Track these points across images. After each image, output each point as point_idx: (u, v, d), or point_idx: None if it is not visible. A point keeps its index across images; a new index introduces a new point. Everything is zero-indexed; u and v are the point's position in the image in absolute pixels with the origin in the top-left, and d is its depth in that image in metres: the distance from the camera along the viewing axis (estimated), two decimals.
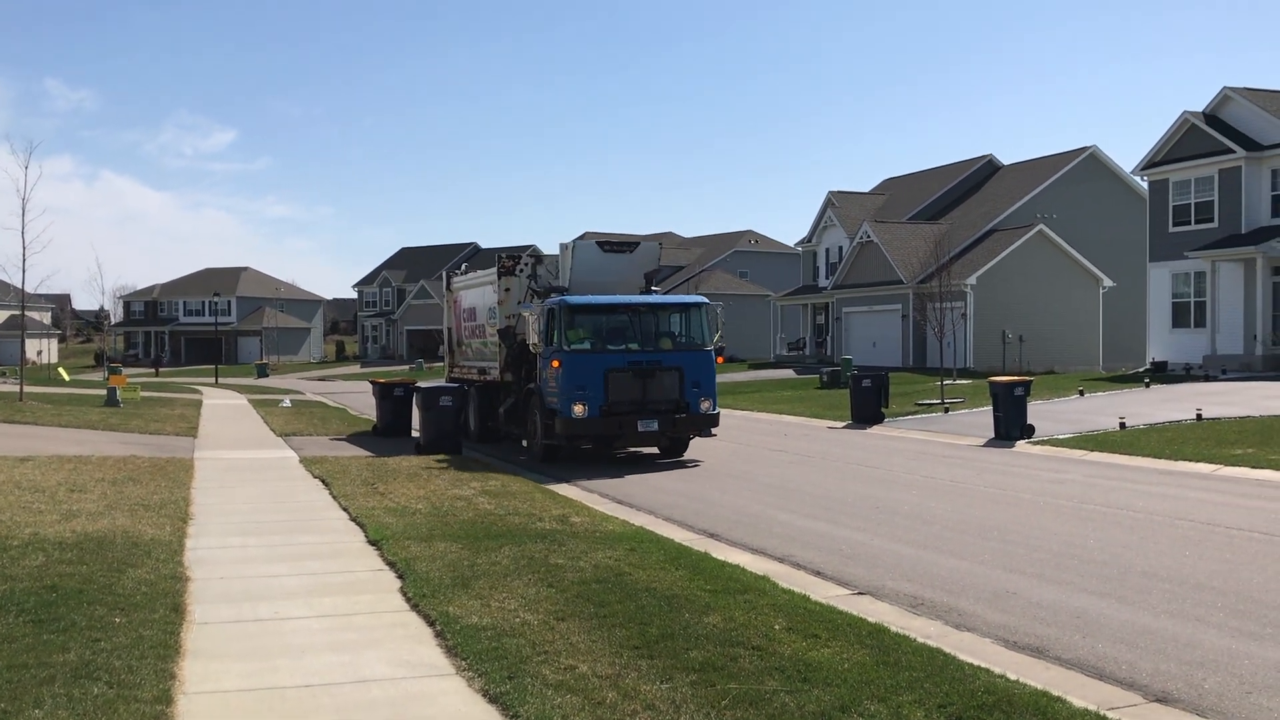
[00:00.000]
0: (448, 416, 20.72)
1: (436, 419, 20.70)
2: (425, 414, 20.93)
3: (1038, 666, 7.21)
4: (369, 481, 15.76)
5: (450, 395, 21.01)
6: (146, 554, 10.06)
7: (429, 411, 20.82)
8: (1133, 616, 8.38)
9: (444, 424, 20.68)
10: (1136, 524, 12.38)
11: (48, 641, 7.07)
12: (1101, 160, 52.01)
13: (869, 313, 51.89)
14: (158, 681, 6.42)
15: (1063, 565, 10.25)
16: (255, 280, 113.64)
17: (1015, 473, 17.27)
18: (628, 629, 7.60)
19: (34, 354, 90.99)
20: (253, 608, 8.47)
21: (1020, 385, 22.02)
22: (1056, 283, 47.22)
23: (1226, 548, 10.94)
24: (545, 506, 13.48)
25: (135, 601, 8.24)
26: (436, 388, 21.65)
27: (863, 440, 23.45)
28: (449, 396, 20.94)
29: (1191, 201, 37.47)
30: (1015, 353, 44.78)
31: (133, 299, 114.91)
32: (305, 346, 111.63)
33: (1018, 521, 12.70)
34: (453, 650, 7.24)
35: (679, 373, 18.77)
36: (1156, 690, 6.71)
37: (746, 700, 6.17)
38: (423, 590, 8.80)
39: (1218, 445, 18.81)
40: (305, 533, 11.90)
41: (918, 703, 6.14)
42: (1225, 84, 37.37)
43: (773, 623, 7.80)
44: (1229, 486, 15.33)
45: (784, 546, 11.44)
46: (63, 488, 14.21)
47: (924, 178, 62.05)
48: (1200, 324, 36.66)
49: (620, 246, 21.26)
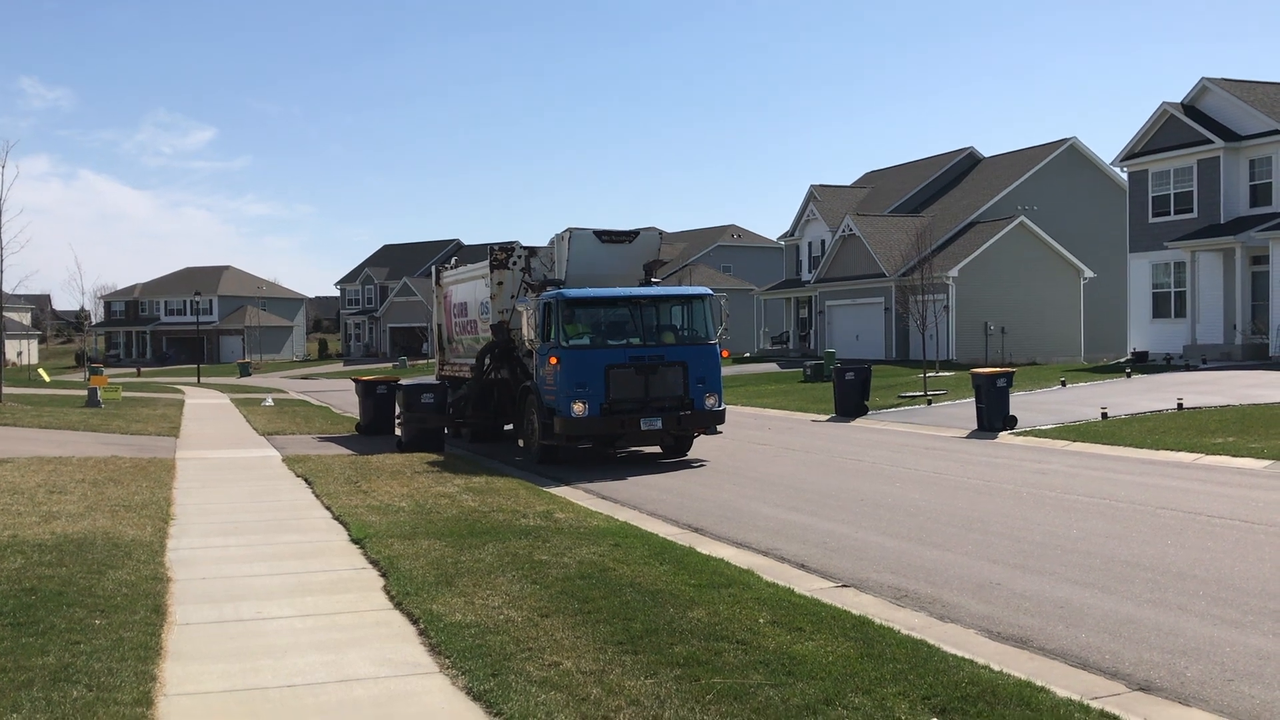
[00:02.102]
0: (430, 414, 20.49)
1: (419, 418, 20.47)
2: (408, 413, 20.70)
3: (1021, 657, 7.23)
4: (352, 480, 15.68)
5: (432, 393, 20.80)
6: (127, 555, 9.99)
7: (411, 410, 20.59)
8: (1115, 606, 8.40)
9: (426, 422, 20.47)
10: (1119, 514, 12.43)
11: (26, 645, 7.01)
12: (1081, 152, 52.20)
13: (852, 306, 51.98)
14: (138, 684, 6.37)
15: (1046, 555, 10.28)
16: (237, 279, 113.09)
17: (998, 464, 17.32)
18: (612, 625, 7.58)
19: (14, 355, 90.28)
20: (235, 608, 8.41)
21: (1002, 377, 22.09)
22: (1038, 274, 47.39)
23: (1208, 536, 10.99)
24: (530, 503, 13.44)
25: (116, 603, 8.17)
26: (418, 385, 21.39)
27: (846, 433, 23.48)
28: (430, 394, 20.74)
29: (1171, 192, 37.62)
30: (997, 344, 44.94)
31: (113, 299, 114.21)
32: (288, 345, 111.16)
33: (1001, 512, 12.74)
34: (436, 648, 7.21)
35: (683, 368, 18.01)
36: (1139, 679, 6.73)
37: (731, 694, 6.16)
38: (406, 588, 8.76)
39: (1199, 434, 18.90)
40: (287, 532, 11.83)
41: (902, 695, 6.15)
42: (1204, 75, 37.54)
43: (757, 616, 7.80)
44: (1210, 475, 15.41)
45: (768, 540, 11.44)
46: (42, 489, 14.09)
47: (905, 171, 62.17)
48: (1180, 314, 36.84)
49: (619, 236, 20.11)
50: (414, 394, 20.73)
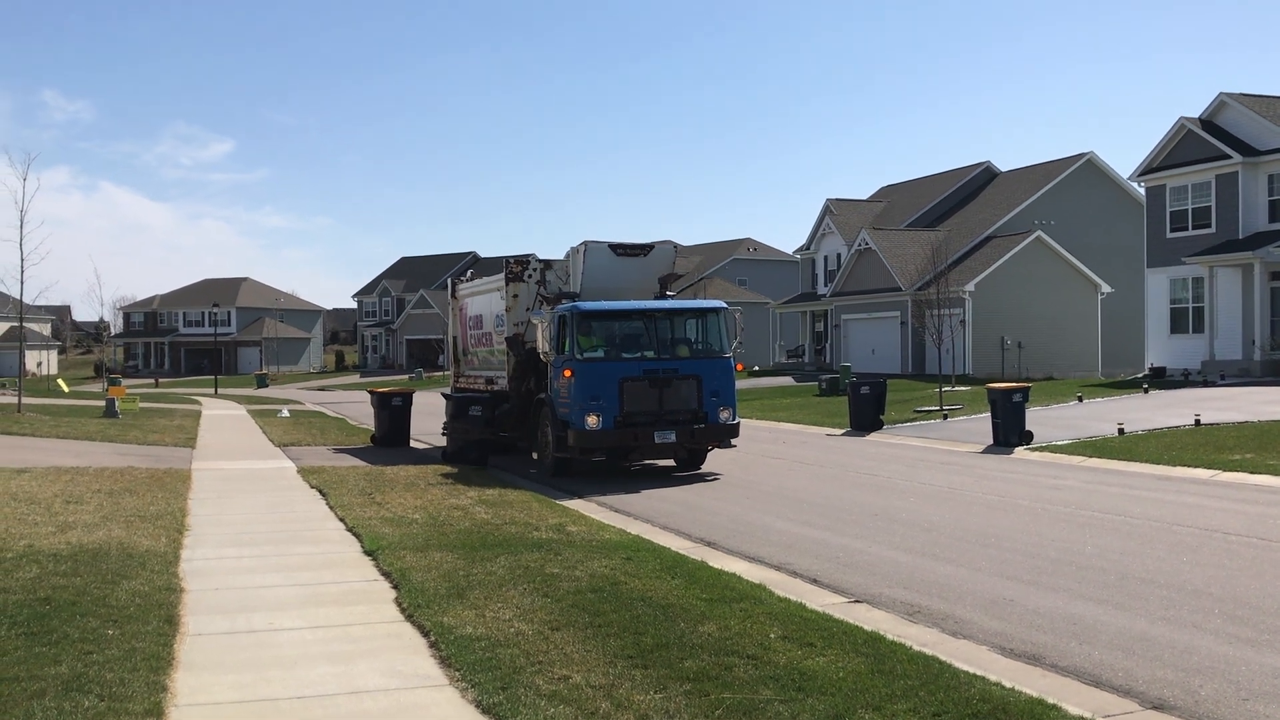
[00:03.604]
0: (476, 425, 20.78)
1: (464, 429, 20.82)
2: (454, 423, 20.97)
3: (1034, 674, 7.18)
4: (366, 491, 15.72)
5: (480, 405, 21.01)
6: (141, 565, 10.03)
7: (457, 421, 20.90)
8: (1129, 623, 8.35)
9: (470, 434, 20.81)
10: (1134, 530, 12.35)
11: (39, 654, 7.05)
12: (1098, 166, 52.05)
13: (868, 320, 51.90)
14: (149, 694, 6.39)
15: (1060, 572, 10.22)
16: (255, 291, 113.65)
17: (1013, 479, 17.24)
18: (622, 639, 7.58)
19: (34, 366, 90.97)
20: (247, 619, 8.44)
21: (1018, 392, 22.00)
22: (1055, 289, 47.24)
23: (1224, 554, 10.91)
24: (542, 516, 13.44)
25: (129, 613, 8.21)
26: (466, 397, 21.66)
27: (861, 447, 23.42)
28: (478, 407, 20.96)
29: (1189, 207, 37.47)
30: (1014, 359, 44.77)
31: (132, 310, 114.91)
32: (305, 356, 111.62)
33: (1015, 528, 12.68)
34: (446, 661, 7.22)
35: (697, 381, 17.98)
36: (1153, 697, 6.69)
37: (741, 710, 6.14)
38: (417, 600, 8.78)
39: (1216, 451, 18.78)
40: (301, 543, 11.87)
41: (912, 711, 6.12)
42: (1222, 89, 37.48)
43: (768, 631, 7.78)
44: (1227, 492, 15.31)
45: (781, 554, 11.42)
46: (59, 499, 14.18)
47: (922, 185, 62.12)
48: (1199, 329, 36.64)
49: (633, 249, 20.13)
50: (462, 406, 21.01)
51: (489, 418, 21.01)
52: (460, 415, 20.85)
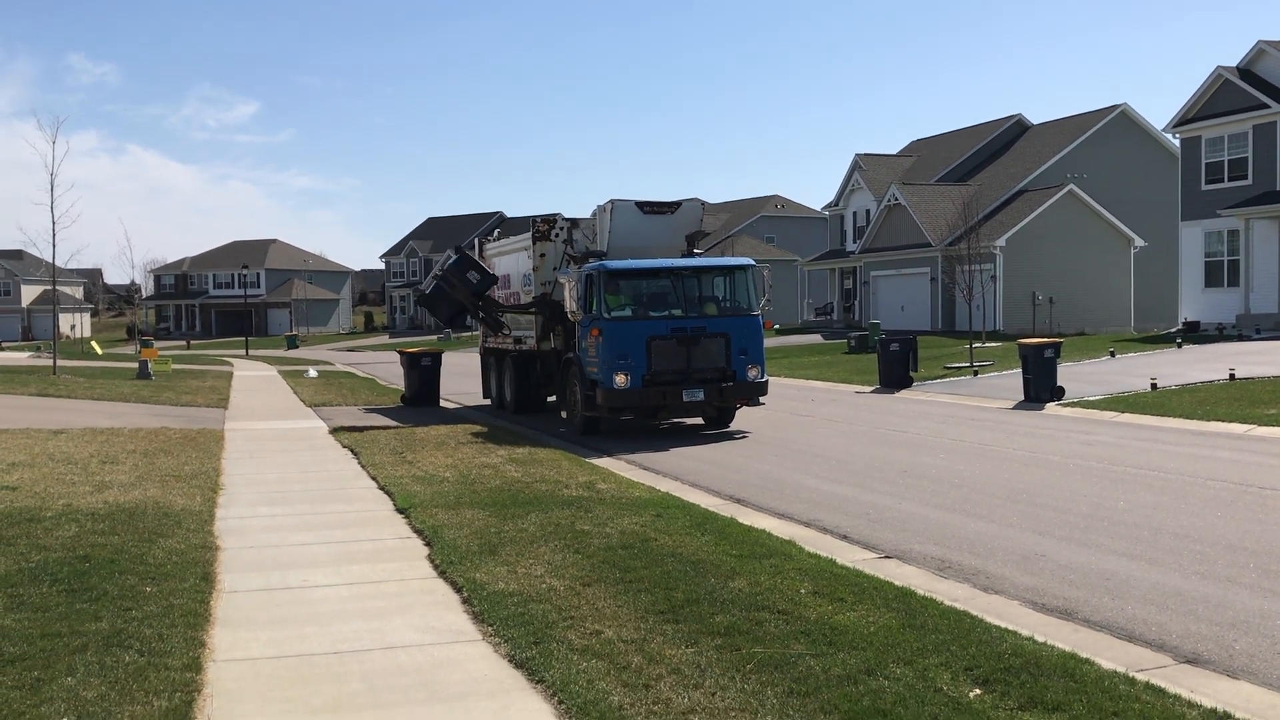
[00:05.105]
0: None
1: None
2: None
3: (1066, 628, 7.16)
4: (397, 450, 15.84)
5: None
6: (177, 524, 10.17)
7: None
8: (1163, 578, 8.30)
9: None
10: (1167, 485, 12.26)
11: (80, 610, 7.16)
12: (1132, 118, 51.20)
13: (897, 276, 51.52)
14: (187, 649, 6.49)
15: (1092, 527, 10.17)
16: (283, 252, 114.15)
17: (1044, 435, 17.13)
18: (653, 594, 7.61)
19: (67, 328, 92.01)
20: (281, 576, 8.54)
21: (1050, 347, 21.81)
22: (1087, 243, 46.68)
23: (1259, 508, 10.82)
24: (572, 473, 13.50)
25: (166, 571, 8.32)
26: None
27: (890, 404, 23.33)
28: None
29: (1225, 159, 36.83)
30: (1045, 314, 44.37)
31: (163, 272, 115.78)
32: (334, 318, 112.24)
33: (1047, 484, 12.61)
34: (479, 616, 7.28)
35: (725, 339, 17.93)
36: (1186, 651, 6.66)
37: (772, 664, 6.17)
38: (450, 557, 8.85)
39: (1251, 405, 18.58)
40: (334, 502, 11.99)
41: (944, 665, 6.12)
42: (1259, 38, 36.62)
43: (798, 587, 7.79)
44: (1262, 447, 15.15)
45: (810, 511, 11.42)
46: (95, 459, 14.37)
47: (952, 139, 61.35)
48: (1234, 283, 36.13)
49: (660, 207, 20.02)
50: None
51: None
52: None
